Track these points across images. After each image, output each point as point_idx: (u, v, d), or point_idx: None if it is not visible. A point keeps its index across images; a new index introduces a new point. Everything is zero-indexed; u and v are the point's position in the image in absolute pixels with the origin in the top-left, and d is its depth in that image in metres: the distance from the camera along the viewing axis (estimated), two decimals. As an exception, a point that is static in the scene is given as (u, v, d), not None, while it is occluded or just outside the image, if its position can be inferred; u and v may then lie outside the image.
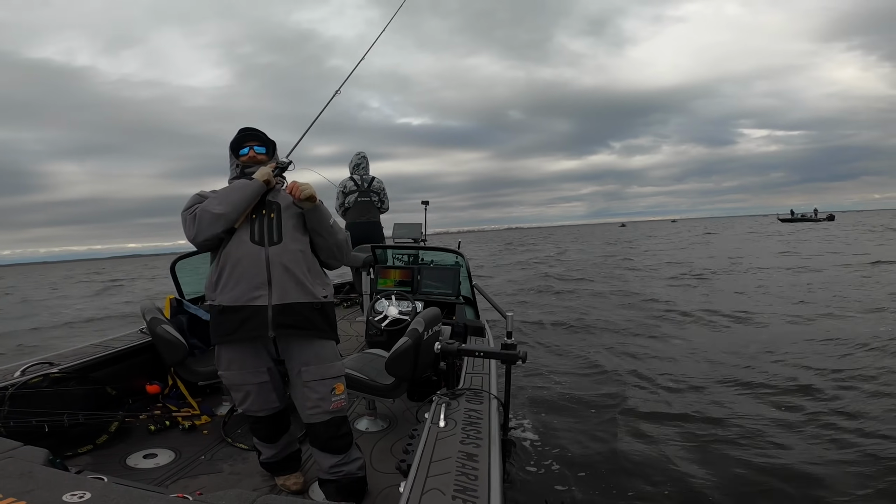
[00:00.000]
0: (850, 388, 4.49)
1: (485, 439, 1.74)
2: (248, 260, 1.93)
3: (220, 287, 1.97)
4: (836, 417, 3.92)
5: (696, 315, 8.11)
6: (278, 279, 1.94)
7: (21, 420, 2.26)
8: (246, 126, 2.14)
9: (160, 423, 2.79)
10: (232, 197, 1.95)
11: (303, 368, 2.00)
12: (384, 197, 5.53)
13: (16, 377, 2.49)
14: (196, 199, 2.01)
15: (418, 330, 2.40)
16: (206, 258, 2.13)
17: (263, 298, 1.92)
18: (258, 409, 2.09)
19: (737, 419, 3.99)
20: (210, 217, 1.90)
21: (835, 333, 6.38)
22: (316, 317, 2.02)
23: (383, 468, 2.41)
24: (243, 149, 2.12)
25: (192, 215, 1.95)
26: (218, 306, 1.97)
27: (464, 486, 1.42)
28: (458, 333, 3.50)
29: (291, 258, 1.98)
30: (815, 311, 7.96)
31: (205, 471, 2.39)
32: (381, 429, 2.88)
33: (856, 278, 11.33)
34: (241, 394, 2.07)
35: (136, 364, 3.08)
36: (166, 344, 2.75)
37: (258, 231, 1.97)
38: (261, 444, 2.21)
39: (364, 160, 5.45)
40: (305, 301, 1.98)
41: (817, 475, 3.13)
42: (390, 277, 4.25)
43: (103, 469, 2.17)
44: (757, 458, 3.38)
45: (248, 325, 1.93)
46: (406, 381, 2.56)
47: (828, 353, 5.64)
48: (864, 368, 4.98)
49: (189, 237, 1.97)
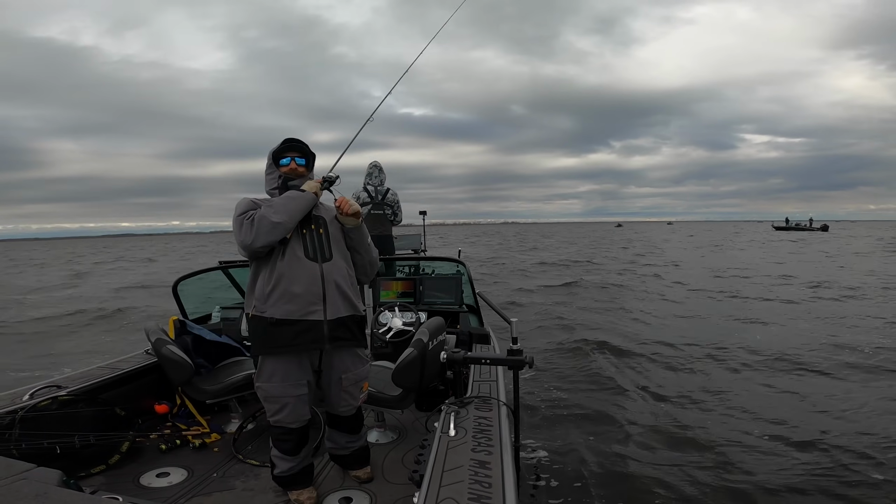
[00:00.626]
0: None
1: (496, 446, 1.74)
2: (304, 276, 2.04)
3: (272, 300, 2.03)
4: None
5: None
6: (331, 295, 2.08)
7: (32, 442, 2.26)
8: (290, 137, 2.21)
9: (171, 441, 2.79)
10: (289, 206, 2.03)
11: (343, 375, 2.19)
12: (398, 210, 5.35)
13: (24, 400, 2.49)
14: (250, 205, 2.06)
15: (423, 340, 2.41)
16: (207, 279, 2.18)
17: (319, 314, 2.05)
18: (292, 422, 2.14)
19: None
20: (269, 224, 1.98)
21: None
22: (356, 328, 2.20)
23: (395, 479, 2.41)
24: (284, 159, 2.18)
25: (249, 220, 2.00)
26: (269, 318, 2.03)
27: (478, 494, 1.42)
28: (463, 342, 3.51)
29: (341, 274, 2.13)
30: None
31: (217, 488, 2.39)
32: (391, 440, 2.88)
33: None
34: (277, 405, 2.11)
35: (143, 385, 3.08)
36: (172, 364, 2.77)
37: (311, 247, 2.09)
38: (281, 458, 2.22)
39: (376, 170, 5.26)
40: (352, 315, 2.15)
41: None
42: (392, 289, 4.26)
43: (117, 489, 2.17)
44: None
45: (302, 338, 2.04)
46: (414, 392, 2.57)
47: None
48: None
49: (244, 242, 2.00)
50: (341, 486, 2.38)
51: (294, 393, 2.10)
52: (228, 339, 3.38)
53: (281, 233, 2.01)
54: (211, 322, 4.01)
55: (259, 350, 2.10)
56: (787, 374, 5.49)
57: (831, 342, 6.76)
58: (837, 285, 12.54)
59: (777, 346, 6.51)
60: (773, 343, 6.75)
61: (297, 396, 2.11)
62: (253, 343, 2.13)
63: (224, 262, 4.36)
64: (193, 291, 4.15)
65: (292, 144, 2.19)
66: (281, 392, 2.09)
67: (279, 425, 2.15)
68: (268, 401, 2.13)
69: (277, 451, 2.21)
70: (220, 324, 3.93)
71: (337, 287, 2.10)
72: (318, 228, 2.13)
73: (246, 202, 2.09)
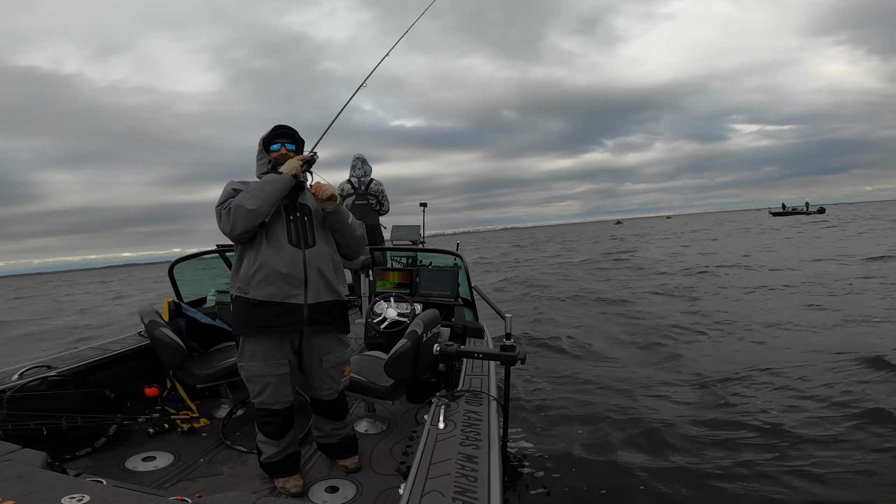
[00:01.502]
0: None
1: (484, 441, 1.74)
2: (287, 261, 2.08)
3: (255, 281, 2.08)
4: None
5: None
6: (313, 280, 2.13)
7: (19, 423, 2.25)
8: (280, 124, 2.24)
9: (159, 425, 2.78)
10: (265, 191, 2.04)
11: (324, 357, 2.24)
12: (383, 199, 5.50)
13: (13, 380, 2.48)
14: (229, 193, 2.08)
15: (417, 332, 2.40)
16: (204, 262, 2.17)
17: (300, 297, 2.11)
18: (274, 402, 2.17)
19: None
20: (244, 212, 2.00)
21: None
22: (338, 313, 2.25)
23: (383, 470, 2.41)
24: (275, 145, 2.21)
25: (226, 210, 2.03)
26: (252, 299, 2.08)
27: (464, 488, 1.42)
28: (457, 335, 3.50)
29: (324, 261, 2.18)
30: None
31: (204, 473, 2.38)
32: (381, 431, 2.87)
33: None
34: (259, 386, 2.15)
35: (134, 367, 3.07)
36: (165, 347, 2.75)
37: (295, 233, 2.13)
38: (266, 443, 2.23)
39: (360, 162, 5.42)
40: (333, 300, 2.20)
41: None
42: (389, 279, 4.25)
43: (102, 472, 2.16)
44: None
45: (282, 320, 2.09)
46: (405, 383, 2.56)
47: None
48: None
49: (224, 231, 2.06)
50: (328, 475, 2.38)
51: (275, 372, 2.14)
52: (222, 324, 3.36)
53: (257, 218, 2.03)
54: (206, 305, 4.00)
55: (240, 329, 2.14)
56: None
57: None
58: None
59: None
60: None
61: (278, 376, 2.15)
62: (235, 323, 2.17)
63: (221, 246, 4.34)
64: (189, 274, 4.13)
65: (283, 131, 2.22)
66: (262, 371, 2.13)
67: (263, 407, 2.18)
68: (250, 381, 2.17)
69: (262, 434, 2.23)
70: (214, 307, 3.92)
71: (319, 272, 2.15)
72: (304, 216, 2.17)
73: (227, 190, 2.11)
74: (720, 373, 4.98)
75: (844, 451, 3.37)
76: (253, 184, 2.11)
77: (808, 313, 7.34)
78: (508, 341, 2.31)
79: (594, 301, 10.02)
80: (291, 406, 2.25)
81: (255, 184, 2.11)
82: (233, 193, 2.08)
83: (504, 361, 2.27)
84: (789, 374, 4.81)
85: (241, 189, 2.09)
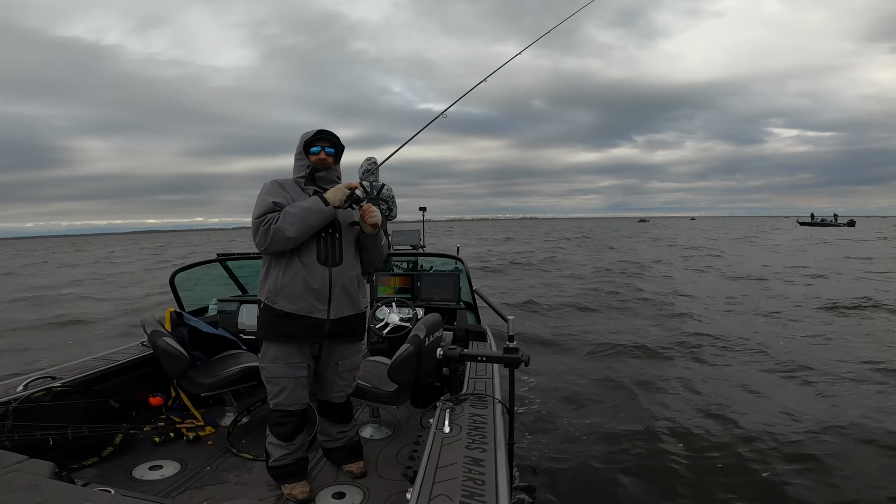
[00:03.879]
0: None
1: (490, 444, 1.74)
2: (313, 278, 2.15)
3: (282, 294, 2.15)
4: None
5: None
6: (337, 297, 2.20)
7: (25, 434, 2.25)
8: (323, 129, 2.27)
9: (164, 434, 2.78)
10: (308, 221, 2.08)
11: (340, 361, 2.33)
12: (392, 205, 5.43)
13: (18, 391, 2.48)
14: (268, 206, 2.10)
15: (420, 336, 2.41)
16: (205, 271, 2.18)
17: (323, 312, 2.18)
18: (291, 404, 2.23)
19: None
20: (283, 238, 2.06)
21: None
22: (358, 324, 2.33)
23: (389, 475, 2.41)
24: (315, 147, 2.24)
25: (265, 228, 2.06)
26: (279, 310, 2.16)
27: (471, 492, 1.42)
28: (460, 338, 3.50)
29: (349, 277, 2.25)
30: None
31: (210, 481, 2.38)
32: (386, 436, 2.87)
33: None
34: (278, 387, 2.22)
35: (138, 377, 3.08)
36: (168, 356, 2.76)
37: (324, 252, 2.19)
38: (276, 445, 2.25)
39: (373, 166, 5.32)
40: (354, 314, 2.28)
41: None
42: (390, 284, 4.25)
43: (109, 481, 2.17)
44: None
45: (305, 332, 2.18)
46: (409, 388, 2.56)
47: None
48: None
49: (259, 247, 2.12)
50: (335, 481, 2.38)
51: (295, 374, 2.21)
52: (225, 332, 3.37)
53: (294, 244, 2.11)
54: (208, 314, 4.01)
55: (264, 336, 2.22)
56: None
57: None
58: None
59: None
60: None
61: (297, 378, 2.22)
62: (260, 328, 2.25)
63: (222, 255, 4.34)
64: (191, 283, 4.14)
65: (324, 135, 2.26)
66: (282, 373, 2.20)
67: (279, 408, 2.23)
68: (270, 382, 2.23)
69: (274, 436, 2.26)
70: (216, 316, 3.92)
71: (343, 289, 2.22)
72: (335, 233, 2.23)
73: (266, 201, 2.12)
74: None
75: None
76: (296, 208, 2.10)
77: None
78: (511, 343, 2.31)
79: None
80: (305, 409, 2.30)
81: (298, 210, 2.09)
82: (273, 207, 2.10)
83: (507, 364, 2.28)
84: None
85: (280, 202, 2.12)
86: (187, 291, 3.98)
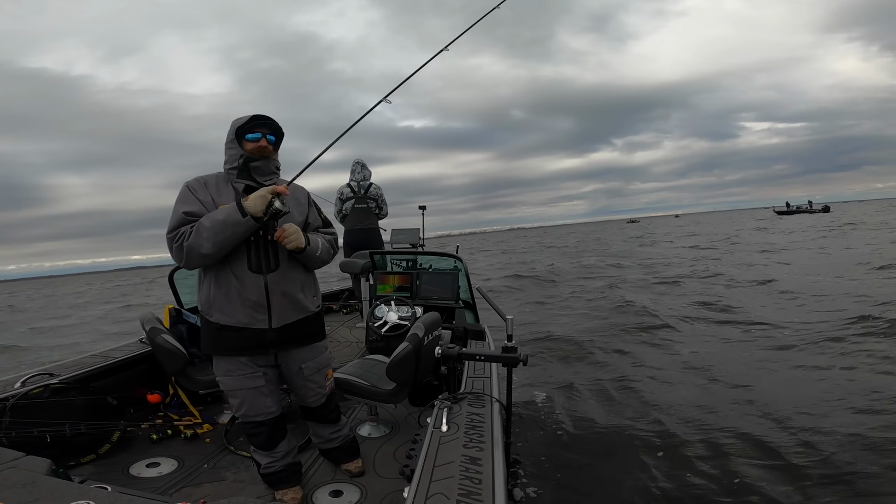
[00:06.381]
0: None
1: (487, 443, 1.74)
2: (247, 288, 1.96)
3: (216, 307, 1.99)
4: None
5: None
6: (276, 304, 2.01)
7: (23, 431, 2.26)
8: (260, 114, 2.01)
9: (162, 432, 2.78)
10: (223, 235, 1.83)
11: (303, 366, 2.17)
12: (382, 203, 5.57)
13: (16, 388, 2.48)
14: (180, 219, 1.88)
15: (418, 335, 2.41)
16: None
17: (263, 322, 2.00)
18: (256, 414, 2.12)
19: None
20: (199, 255, 1.85)
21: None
22: (310, 326, 2.17)
23: (386, 473, 2.41)
24: (254, 134, 1.97)
25: (178, 245, 1.85)
26: (215, 323, 2.00)
27: (468, 490, 1.42)
28: (459, 337, 3.51)
29: (288, 282, 2.04)
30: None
31: (208, 479, 2.38)
32: (384, 434, 2.87)
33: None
34: (237, 400, 2.11)
35: (136, 374, 3.08)
36: (166, 353, 2.76)
37: (255, 258, 1.97)
38: (259, 453, 2.21)
39: (359, 166, 5.49)
40: (302, 318, 2.11)
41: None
42: (389, 283, 4.25)
43: (106, 479, 2.17)
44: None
45: (248, 343, 2.02)
46: (407, 386, 2.56)
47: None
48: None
49: (176, 262, 1.92)
50: (332, 479, 2.38)
51: (250, 385, 2.07)
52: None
53: (211, 261, 1.91)
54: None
55: (207, 349, 2.09)
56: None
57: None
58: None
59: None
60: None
61: (254, 388, 2.08)
62: (202, 341, 2.10)
63: None
64: (190, 280, 4.13)
65: (264, 121, 2.00)
66: (237, 385, 2.07)
67: (245, 420, 2.14)
68: (228, 395, 2.13)
69: (253, 445, 2.21)
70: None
71: (284, 296, 2.02)
72: (267, 234, 1.97)
73: (177, 214, 1.89)
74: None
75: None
76: (210, 221, 1.83)
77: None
78: (510, 343, 2.31)
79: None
80: (278, 417, 2.18)
81: (212, 223, 1.83)
82: (184, 219, 1.87)
83: (506, 363, 2.28)
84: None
85: (193, 211, 1.89)
86: (186, 288, 3.98)
